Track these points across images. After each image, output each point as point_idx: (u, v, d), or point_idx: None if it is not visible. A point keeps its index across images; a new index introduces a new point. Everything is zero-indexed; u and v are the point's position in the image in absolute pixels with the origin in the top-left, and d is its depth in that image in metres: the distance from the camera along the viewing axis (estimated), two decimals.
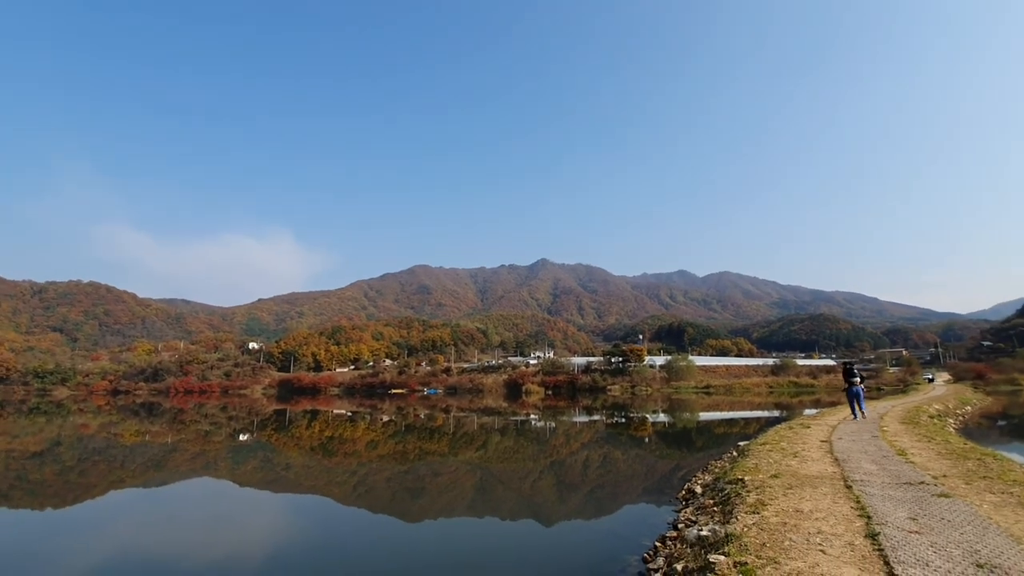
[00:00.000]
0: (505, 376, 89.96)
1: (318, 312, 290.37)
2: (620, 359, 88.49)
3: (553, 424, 34.12)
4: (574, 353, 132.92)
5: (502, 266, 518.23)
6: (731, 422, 33.07)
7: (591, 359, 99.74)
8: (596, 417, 38.38)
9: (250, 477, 16.94)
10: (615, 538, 9.48)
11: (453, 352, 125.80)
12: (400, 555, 9.02)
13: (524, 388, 79.60)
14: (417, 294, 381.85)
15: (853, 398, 19.17)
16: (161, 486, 16.00)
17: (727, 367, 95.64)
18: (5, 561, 9.01)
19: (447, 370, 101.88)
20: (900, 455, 11.04)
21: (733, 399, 57.68)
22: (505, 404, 54.68)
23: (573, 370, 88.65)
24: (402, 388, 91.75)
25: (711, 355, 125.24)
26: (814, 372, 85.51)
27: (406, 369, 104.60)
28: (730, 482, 9.76)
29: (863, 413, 19.26)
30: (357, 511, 12.45)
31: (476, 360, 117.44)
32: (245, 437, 28.98)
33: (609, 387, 78.06)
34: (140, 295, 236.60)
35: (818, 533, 5.91)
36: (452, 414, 42.73)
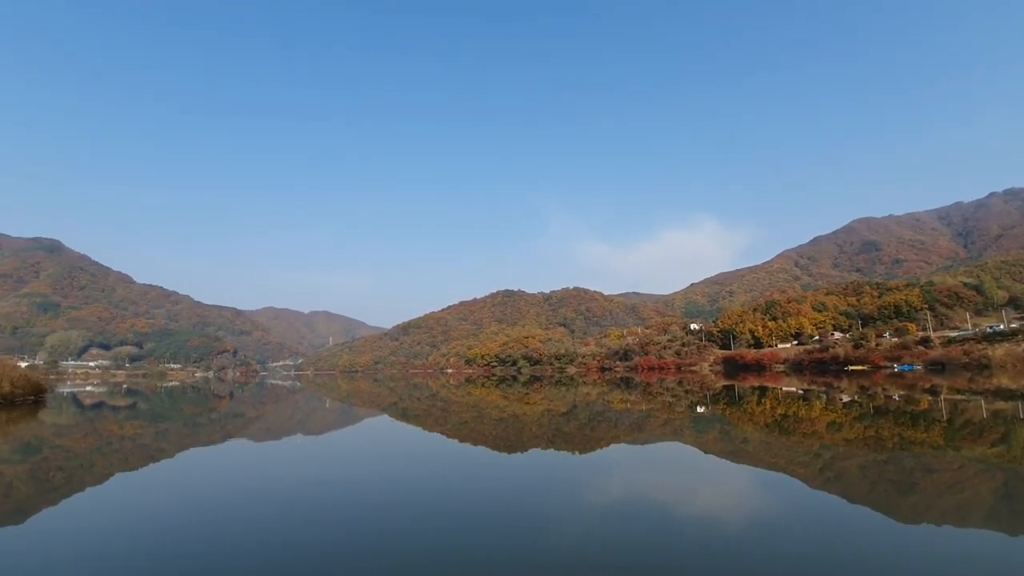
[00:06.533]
0: None
1: (747, 289, 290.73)
2: None
3: None
4: None
5: (991, 195, 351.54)
6: None
7: None
8: None
9: (712, 446, 18.68)
10: None
11: (929, 318, 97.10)
12: (903, 556, 8.04)
13: None
14: (861, 254, 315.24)
15: None
16: (645, 444, 20.01)
17: None
18: (553, 487, 13.71)
19: (924, 341, 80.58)
20: None
21: None
22: None
23: None
24: (862, 364, 78.95)
25: None
26: None
27: (863, 342, 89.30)
28: None
29: None
30: (828, 496, 11.74)
31: (969, 326, 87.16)
32: (702, 409, 31.84)
33: None
34: (606, 292, 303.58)
35: None
36: (942, 396, 32.94)
